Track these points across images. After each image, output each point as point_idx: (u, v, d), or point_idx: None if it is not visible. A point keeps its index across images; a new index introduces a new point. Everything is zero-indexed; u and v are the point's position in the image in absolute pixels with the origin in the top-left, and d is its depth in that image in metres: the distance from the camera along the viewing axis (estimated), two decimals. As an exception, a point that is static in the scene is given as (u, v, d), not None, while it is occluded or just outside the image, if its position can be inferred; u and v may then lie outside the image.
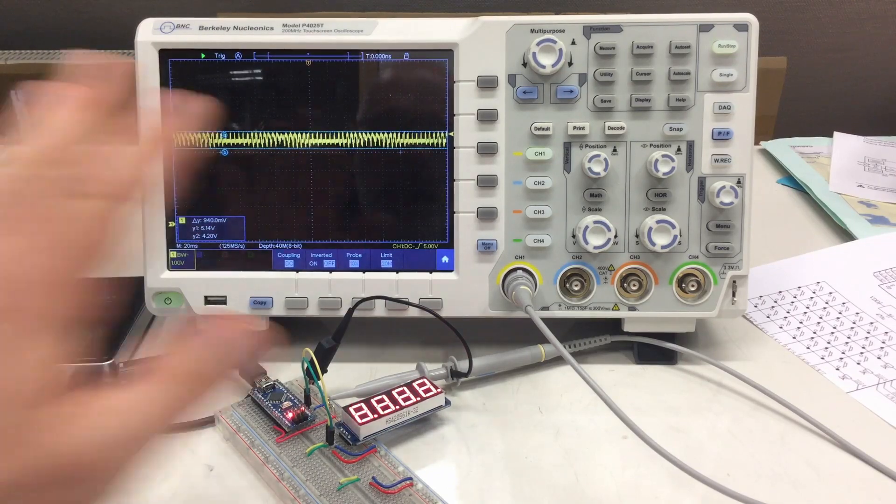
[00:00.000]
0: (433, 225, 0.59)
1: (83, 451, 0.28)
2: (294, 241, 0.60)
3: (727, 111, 0.57)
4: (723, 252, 0.58)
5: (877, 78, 1.71)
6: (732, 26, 0.57)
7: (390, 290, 0.58)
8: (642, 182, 0.58)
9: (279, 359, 0.60)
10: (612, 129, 0.57)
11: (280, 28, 0.58)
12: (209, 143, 0.59)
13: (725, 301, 0.58)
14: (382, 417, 0.50)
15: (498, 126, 0.58)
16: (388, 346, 0.62)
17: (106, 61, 0.35)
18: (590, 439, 0.53)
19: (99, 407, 0.29)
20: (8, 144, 0.32)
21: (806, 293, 0.69)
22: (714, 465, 0.50)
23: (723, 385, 0.58)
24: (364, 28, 0.58)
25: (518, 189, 0.58)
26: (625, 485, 0.49)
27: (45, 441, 0.27)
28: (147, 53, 0.58)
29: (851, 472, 0.50)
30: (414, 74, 0.59)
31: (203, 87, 0.59)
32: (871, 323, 0.65)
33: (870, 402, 0.57)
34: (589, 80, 0.57)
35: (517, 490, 0.48)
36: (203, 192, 0.59)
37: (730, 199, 0.57)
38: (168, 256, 0.60)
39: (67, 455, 0.27)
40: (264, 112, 0.59)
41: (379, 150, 0.59)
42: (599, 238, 0.57)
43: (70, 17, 1.69)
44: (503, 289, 0.58)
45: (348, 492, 0.46)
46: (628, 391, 0.57)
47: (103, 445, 0.28)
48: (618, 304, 0.59)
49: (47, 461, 0.27)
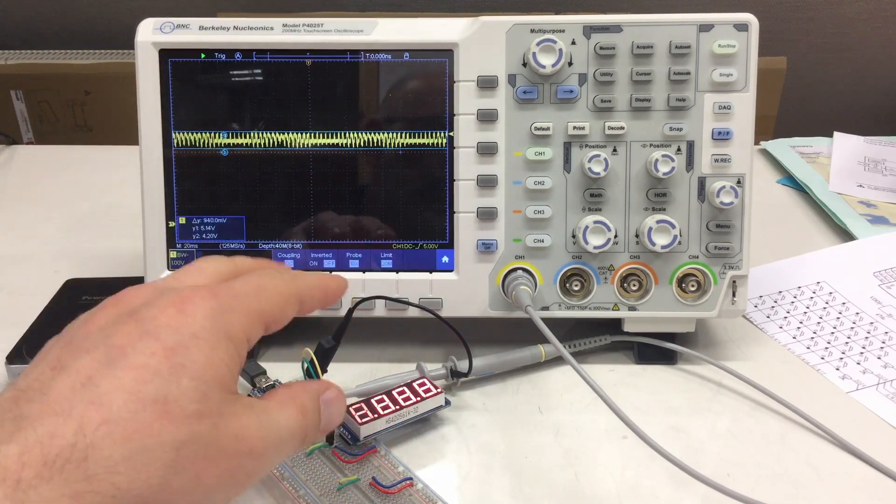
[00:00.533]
0: (433, 225, 0.59)
1: (261, 438, 0.35)
2: (294, 241, 0.60)
3: (727, 111, 0.57)
4: (723, 252, 0.58)
5: (877, 78, 1.71)
6: (732, 26, 0.57)
7: (390, 290, 0.58)
8: (642, 182, 0.58)
9: (279, 359, 0.60)
10: (612, 129, 0.57)
11: (280, 28, 0.58)
12: (209, 143, 0.59)
13: (725, 301, 0.58)
14: (382, 417, 0.50)
15: (498, 126, 0.58)
16: (388, 346, 0.62)
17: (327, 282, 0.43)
18: (590, 439, 0.53)
19: (277, 413, 0.36)
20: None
21: (806, 293, 0.69)
22: (714, 465, 0.50)
23: (723, 385, 0.58)
24: (364, 28, 0.58)
25: (518, 189, 0.58)
26: (625, 485, 0.49)
27: (240, 419, 0.34)
28: (147, 53, 0.58)
29: (851, 472, 0.50)
30: (414, 74, 0.59)
31: (203, 87, 0.59)
32: (871, 323, 0.65)
33: (870, 402, 0.57)
34: (589, 80, 0.57)
35: (517, 490, 0.48)
36: (203, 192, 0.59)
37: (730, 199, 0.57)
38: (168, 256, 0.60)
39: (250, 439, 0.34)
40: (264, 112, 0.59)
41: (379, 150, 0.59)
42: (599, 238, 0.57)
43: (70, 17, 1.69)
44: (503, 289, 0.58)
45: (348, 492, 0.46)
46: (628, 391, 0.57)
47: (276, 440, 0.36)
48: (618, 304, 0.59)
49: (235, 434, 0.34)
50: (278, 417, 0.37)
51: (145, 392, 0.32)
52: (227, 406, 0.34)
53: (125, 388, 0.32)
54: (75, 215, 0.85)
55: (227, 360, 0.35)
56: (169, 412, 0.32)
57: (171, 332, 0.34)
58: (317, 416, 0.39)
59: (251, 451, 0.34)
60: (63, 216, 0.85)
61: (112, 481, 0.30)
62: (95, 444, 0.30)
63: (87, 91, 1.48)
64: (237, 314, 0.36)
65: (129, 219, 0.80)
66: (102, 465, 0.30)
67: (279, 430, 0.36)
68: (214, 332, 0.35)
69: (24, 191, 0.91)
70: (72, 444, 0.30)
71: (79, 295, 0.66)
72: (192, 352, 0.34)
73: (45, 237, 0.81)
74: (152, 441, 0.31)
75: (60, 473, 0.29)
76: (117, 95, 1.45)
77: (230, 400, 0.34)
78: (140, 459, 0.31)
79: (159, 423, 0.32)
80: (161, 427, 0.32)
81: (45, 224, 0.83)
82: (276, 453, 0.36)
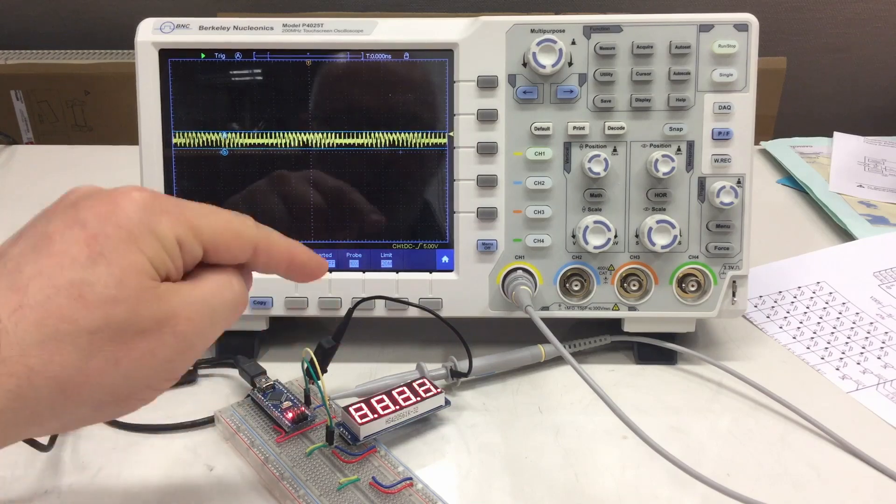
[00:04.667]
0: (433, 225, 0.59)
1: (187, 317, 0.36)
2: (294, 241, 0.60)
3: (727, 111, 0.57)
4: (723, 252, 0.58)
5: (876, 78, 1.71)
6: (732, 26, 0.57)
7: (390, 290, 0.58)
8: (642, 182, 0.58)
9: (279, 359, 0.60)
10: (612, 129, 0.57)
11: (280, 28, 0.58)
12: (209, 143, 0.59)
13: (725, 301, 0.58)
14: (382, 417, 0.50)
15: (498, 126, 0.58)
16: (388, 346, 0.62)
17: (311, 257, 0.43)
18: (590, 439, 0.53)
19: (203, 286, 0.37)
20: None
21: (806, 293, 0.69)
22: (714, 465, 0.50)
23: (723, 385, 0.58)
24: (364, 28, 0.58)
25: (518, 189, 0.58)
26: (625, 485, 0.49)
27: (161, 302, 0.35)
28: (147, 53, 0.58)
29: (851, 472, 0.50)
30: (414, 74, 0.59)
31: (203, 87, 0.59)
32: (871, 323, 0.65)
33: (870, 402, 0.57)
34: (589, 80, 0.57)
35: (517, 490, 0.48)
36: (203, 192, 0.59)
37: (730, 199, 0.57)
38: (168, 256, 0.60)
39: (173, 319, 0.35)
40: (264, 112, 0.59)
41: (379, 150, 0.59)
42: (599, 238, 0.57)
43: (70, 17, 1.69)
44: (503, 289, 0.58)
45: (348, 492, 0.46)
46: (628, 391, 0.57)
47: (208, 314, 0.37)
48: (618, 304, 0.59)
49: (155, 317, 0.35)
50: (204, 293, 0.38)
51: (61, 277, 0.33)
52: (146, 292, 0.35)
53: (43, 273, 0.33)
54: (75, 215, 0.85)
55: (149, 252, 0.35)
56: (83, 297, 0.33)
57: (98, 222, 0.35)
58: (243, 285, 0.40)
59: (174, 330, 0.35)
60: (63, 216, 0.85)
61: (26, 363, 0.32)
62: (8, 330, 0.32)
63: (87, 91, 1.48)
64: (170, 216, 0.37)
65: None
66: (16, 349, 0.32)
67: (208, 304, 0.37)
68: (139, 224, 0.35)
69: (24, 191, 0.91)
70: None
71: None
72: (113, 240, 0.35)
73: (45, 237, 0.80)
74: (66, 326, 0.33)
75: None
76: (117, 95, 1.45)
77: (149, 286, 0.35)
78: (53, 343, 0.32)
79: (72, 307, 0.33)
80: (74, 312, 0.33)
81: (45, 224, 0.83)
82: (210, 326, 0.38)
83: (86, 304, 0.33)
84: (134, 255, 0.35)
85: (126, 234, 0.35)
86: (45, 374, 0.32)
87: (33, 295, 0.33)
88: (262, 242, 0.40)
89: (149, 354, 0.35)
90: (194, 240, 0.38)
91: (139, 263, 0.35)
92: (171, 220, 0.37)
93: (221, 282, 0.38)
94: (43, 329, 0.32)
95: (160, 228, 0.36)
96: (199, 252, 0.38)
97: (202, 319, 0.37)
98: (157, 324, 0.35)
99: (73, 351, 0.33)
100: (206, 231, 0.38)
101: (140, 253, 0.35)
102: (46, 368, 0.32)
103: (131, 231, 0.35)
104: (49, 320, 0.32)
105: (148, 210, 0.36)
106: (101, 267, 0.34)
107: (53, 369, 0.32)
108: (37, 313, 0.32)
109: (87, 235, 0.34)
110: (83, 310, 0.33)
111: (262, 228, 0.41)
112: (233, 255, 0.39)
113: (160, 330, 0.35)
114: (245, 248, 0.40)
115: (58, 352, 0.32)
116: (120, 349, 0.34)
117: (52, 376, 0.32)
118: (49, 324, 0.32)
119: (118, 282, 0.34)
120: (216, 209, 0.39)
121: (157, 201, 0.37)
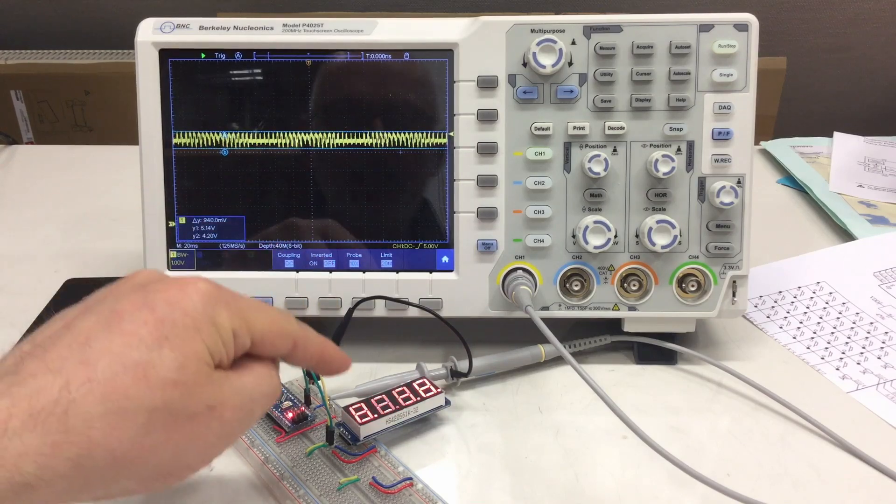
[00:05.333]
0: (433, 225, 0.59)
1: (233, 405, 0.38)
2: (294, 240, 0.60)
3: (727, 111, 0.57)
4: (723, 252, 0.58)
5: (876, 78, 1.71)
6: (732, 26, 0.57)
7: (390, 290, 0.58)
8: (642, 182, 0.58)
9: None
10: (612, 129, 0.57)
11: (280, 28, 0.58)
12: (209, 143, 0.59)
13: (725, 301, 0.58)
14: (382, 417, 0.50)
15: (498, 126, 0.58)
16: (388, 346, 0.62)
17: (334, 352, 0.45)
18: (590, 439, 0.53)
19: (247, 377, 0.39)
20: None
21: (806, 293, 0.69)
22: (714, 465, 0.50)
23: (723, 385, 0.58)
24: (364, 28, 0.58)
25: (518, 189, 0.58)
26: (625, 485, 0.49)
27: (213, 389, 0.37)
28: (147, 53, 0.58)
29: (851, 472, 0.50)
30: (414, 74, 0.59)
31: (203, 87, 0.59)
32: (871, 323, 0.65)
33: (870, 402, 0.57)
34: (589, 80, 0.57)
35: (517, 490, 0.48)
36: (203, 192, 0.59)
37: (730, 199, 0.57)
38: (168, 256, 0.60)
39: (221, 406, 0.37)
40: (264, 112, 0.59)
41: (379, 150, 0.59)
42: (599, 238, 0.57)
43: (70, 17, 1.69)
44: (503, 289, 0.58)
45: (348, 492, 0.46)
46: (628, 391, 0.57)
47: (248, 403, 0.39)
48: (618, 304, 0.59)
49: (206, 402, 0.37)
50: (249, 383, 0.40)
51: (129, 356, 0.35)
52: (202, 377, 0.37)
53: (112, 350, 0.35)
54: (75, 215, 0.85)
55: (208, 341, 0.37)
56: (147, 377, 0.35)
57: (166, 307, 0.37)
58: (278, 377, 0.42)
59: (221, 416, 0.37)
60: (63, 216, 0.85)
61: (88, 435, 0.33)
62: (77, 401, 0.33)
63: (87, 91, 1.48)
64: (229, 309, 0.39)
65: (129, 219, 0.80)
66: (81, 420, 0.33)
67: (250, 394, 0.39)
68: (203, 314, 0.37)
69: (24, 191, 0.91)
70: (55, 399, 0.33)
71: (79, 295, 0.65)
72: (179, 327, 0.37)
73: (45, 237, 0.81)
74: (128, 403, 0.34)
75: (43, 425, 0.33)
76: (117, 95, 1.45)
77: (206, 372, 0.37)
78: (115, 418, 0.34)
79: (137, 386, 0.35)
80: (138, 390, 0.35)
81: (45, 224, 0.83)
82: (249, 415, 0.40)
83: (148, 384, 0.35)
84: (196, 342, 0.37)
85: (191, 321, 0.37)
86: (105, 447, 0.34)
87: (102, 371, 0.34)
88: (300, 339, 0.42)
89: (196, 437, 0.37)
90: (247, 333, 0.40)
91: (200, 350, 0.37)
92: (230, 312, 0.39)
93: (263, 374, 0.41)
94: (107, 403, 0.34)
95: (220, 319, 0.38)
96: (248, 344, 0.40)
97: (244, 408, 0.39)
98: (207, 409, 0.37)
99: (132, 427, 0.34)
100: (257, 325, 0.40)
101: (201, 341, 0.37)
102: (107, 441, 0.34)
103: (196, 319, 0.37)
104: (114, 396, 0.34)
105: (211, 301, 0.38)
106: (165, 350, 0.36)
107: (112, 443, 0.34)
108: (103, 388, 0.34)
109: (156, 319, 0.36)
110: (146, 389, 0.35)
111: (302, 326, 0.43)
112: (276, 349, 0.42)
113: (209, 415, 0.37)
114: (287, 343, 0.42)
115: (118, 426, 0.34)
116: (172, 429, 0.36)
117: (111, 449, 0.34)
118: (113, 399, 0.34)
119: (179, 366, 0.36)
120: (265, 305, 0.42)
121: (220, 293, 0.39)
